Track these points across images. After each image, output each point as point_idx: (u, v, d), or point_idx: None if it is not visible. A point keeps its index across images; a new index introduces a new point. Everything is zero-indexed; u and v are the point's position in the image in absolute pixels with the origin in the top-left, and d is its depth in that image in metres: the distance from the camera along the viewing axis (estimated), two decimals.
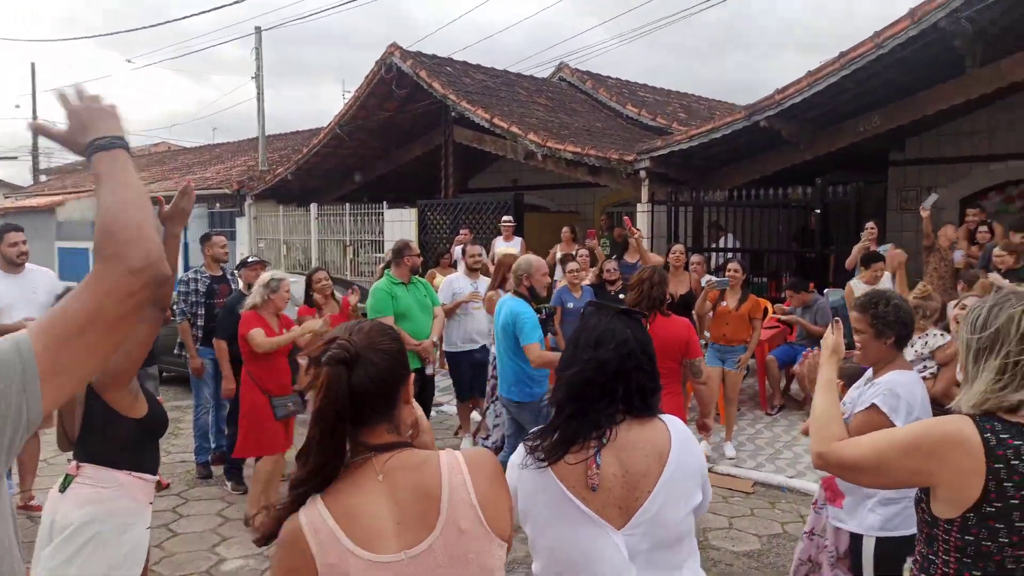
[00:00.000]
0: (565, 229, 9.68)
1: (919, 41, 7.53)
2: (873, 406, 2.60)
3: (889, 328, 2.67)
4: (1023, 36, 8.11)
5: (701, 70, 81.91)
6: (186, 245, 14.45)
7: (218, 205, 16.94)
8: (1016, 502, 1.60)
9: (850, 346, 2.37)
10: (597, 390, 1.78)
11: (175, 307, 5.93)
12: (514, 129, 10.84)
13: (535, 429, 1.86)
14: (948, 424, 1.71)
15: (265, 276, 5.12)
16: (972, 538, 1.65)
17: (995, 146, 10.72)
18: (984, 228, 7.46)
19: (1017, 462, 1.60)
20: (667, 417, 1.84)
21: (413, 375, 1.58)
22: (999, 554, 1.63)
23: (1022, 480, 1.60)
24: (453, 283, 6.42)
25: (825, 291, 7.89)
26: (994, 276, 5.86)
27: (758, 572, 4.30)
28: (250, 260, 6.06)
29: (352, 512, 1.42)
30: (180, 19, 43.24)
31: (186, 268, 7.25)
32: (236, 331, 4.97)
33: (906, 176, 11.56)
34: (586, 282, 6.84)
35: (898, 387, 2.61)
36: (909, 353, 4.32)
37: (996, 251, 6.39)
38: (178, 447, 6.69)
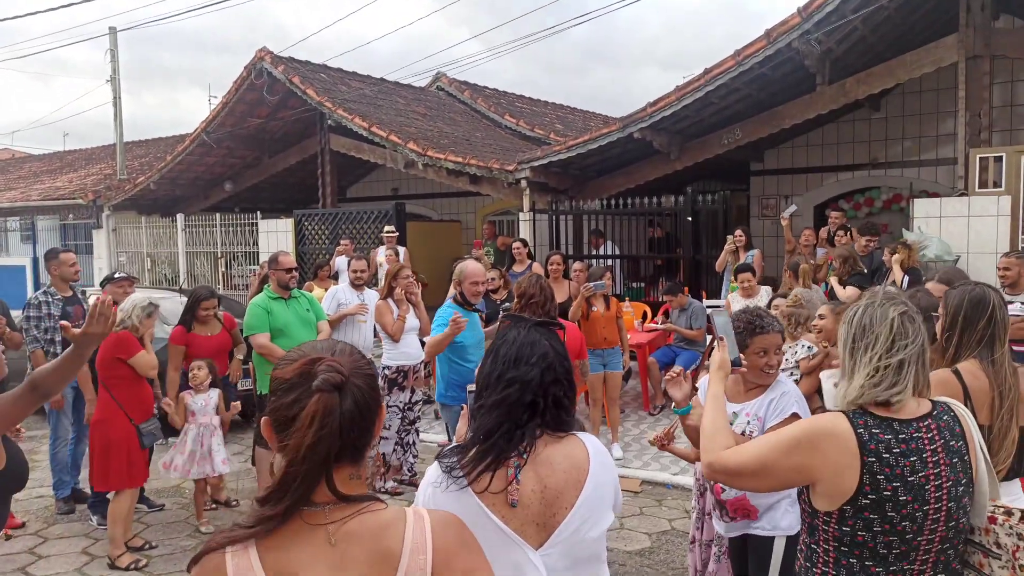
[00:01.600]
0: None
1: (775, 59, 8.11)
2: (795, 415, 2.71)
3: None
4: (863, 57, 8.91)
5: (570, 83, 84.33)
6: (35, 260, 13.30)
7: (71, 216, 15.72)
8: (888, 494, 1.70)
9: (736, 363, 2.45)
10: (522, 409, 1.72)
11: (24, 333, 5.43)
12: (393, 138, 10.73)
13: (449, 448, 1.80)
14: (824, 420, 1.82)
15: (141, 299, 4.80)
16: (848, 529, 1.75)
17: (842, 157, 11.69)
18: (842, 232, 8.09)
19: (888, 455, 1.71)
20: (583, 434, 1.82)
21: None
22: (872, 542, 1.74)
23: (892, 472, 1.70)
24: (338, 294, 6.22)
25: (704, 303, 8.25)
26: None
27: (650, 570, 4.44)
28: (116, 276, 5.64)
29: (292, 574, 1.23)
30: (20, 16, 39.81)
31: (36, 288, 6.63)
32: (95, 354, 4.62)
33: (765, 185, 12.38)
34: None
35: (799, 394, 2.79)
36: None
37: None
38: (34, 480, 6.08)
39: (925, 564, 1.76)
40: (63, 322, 4.23)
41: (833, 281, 6.69)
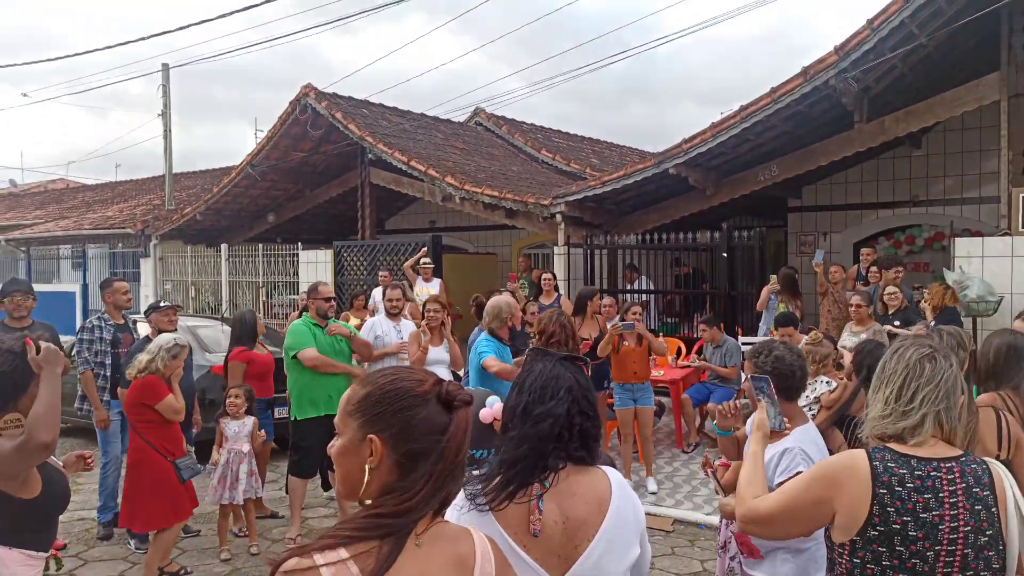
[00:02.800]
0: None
1: (811, 97, 8.11)
2: (799, 474, 2.70)
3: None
4: (903, 95, 8.85)
5: (606, 118, 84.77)
6: (85, 287, 13.75)
7: (120, 245, 16.23)
8: (897, 527, 1.72)
9: (778, 426, 2.49)
10: (548, 442, 1.76)
11: (76, 355, 5.63)
12: (432, 172, 10.93)
13: (478, 474, 1.82)
14: (843, 455, 1.91)
15: (167, 340, 4.85)
16: (859, 561, 1.77)
17: (883, 194, 11.56)
18: (874, 268, 8.00)
19: (900, 488, 1.74)
20: (606, 468, 1.85)
21: None
22: (882, 575, 1.75)
23: (903, 506, 1.72)
24: (375, 327, 6.29)
25: (740, 340, 8.19)
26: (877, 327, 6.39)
27: None
28: (161, 304, 5.83)
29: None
30: (81, 53, 41.66)
31: (84, 315, 6.88)
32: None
33: (803, 222, 12.29)
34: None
35: (808, 445, 2.70)
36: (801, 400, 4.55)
37: (887, 291, 6.89)
38: (76, 503, 6.26)
39: None
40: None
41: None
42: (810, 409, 4.29)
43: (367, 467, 1.37)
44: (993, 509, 1.77)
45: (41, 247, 17.77)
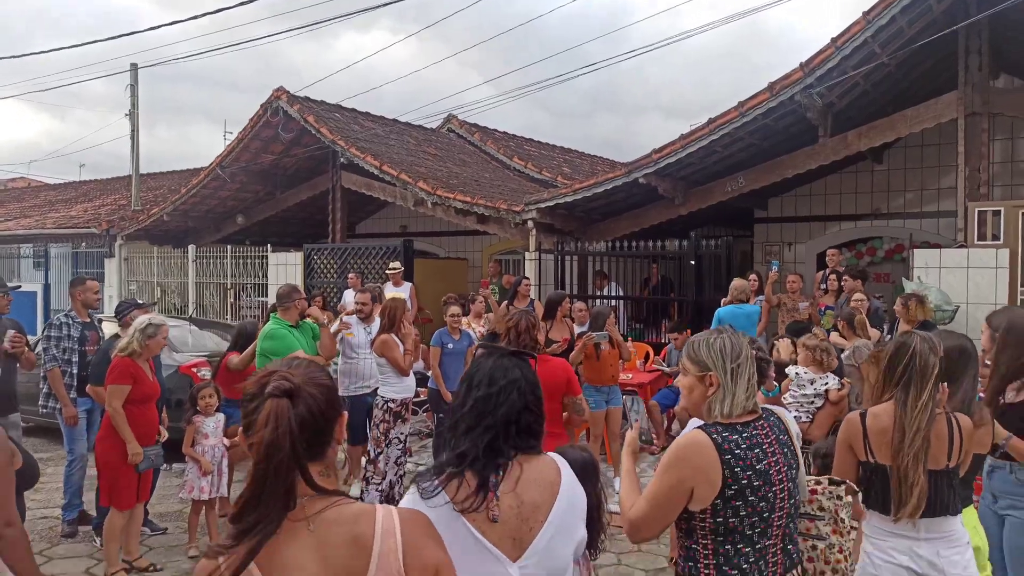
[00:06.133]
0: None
1: (777, 112, 8.33)
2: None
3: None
4: (865, 111, 9.14)
5: (576, 128, 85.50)
6: (46, 288, 13.49)
7: (84, 245, 15.95)
8: (745, 482, 2.08)
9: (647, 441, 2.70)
10: (495, 431, 1.82)
11: (43, 352, 5.57)
12: (404, 177, 10.96)
13: (425, 469, 1.88)
14: (683, 440, 2.20)
15: (142, 321, 4.88)
16: (722, 519, 2.09)
17: (845, 207, 11.89)
18: (833, 276, 8.24)
19: (739, 451, 2.10)
20: (553, 454, 1.94)
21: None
22: (740, 525, 2.10)
23: (745, 464, 2.09)
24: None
25: None
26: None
27: None
28: (139, 302, 5.84)
29: (281, 566, 1.38)
30: (46, 51, 40.84)
31: (46, 315, 6.81)
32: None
33: (769, 232, 12.56)
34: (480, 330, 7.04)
35: None
36: (792, 396, 4.75)
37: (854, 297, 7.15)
38: (39, 502, 6.18)
39: (776, 537, 2.15)
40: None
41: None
42: (812, 402, 4.59)
43: None
44: (789, 447, 2.22)
45: (1, 246, 17.38)
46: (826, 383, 4.76)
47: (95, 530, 5.36)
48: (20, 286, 14.93)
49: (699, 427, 2.17)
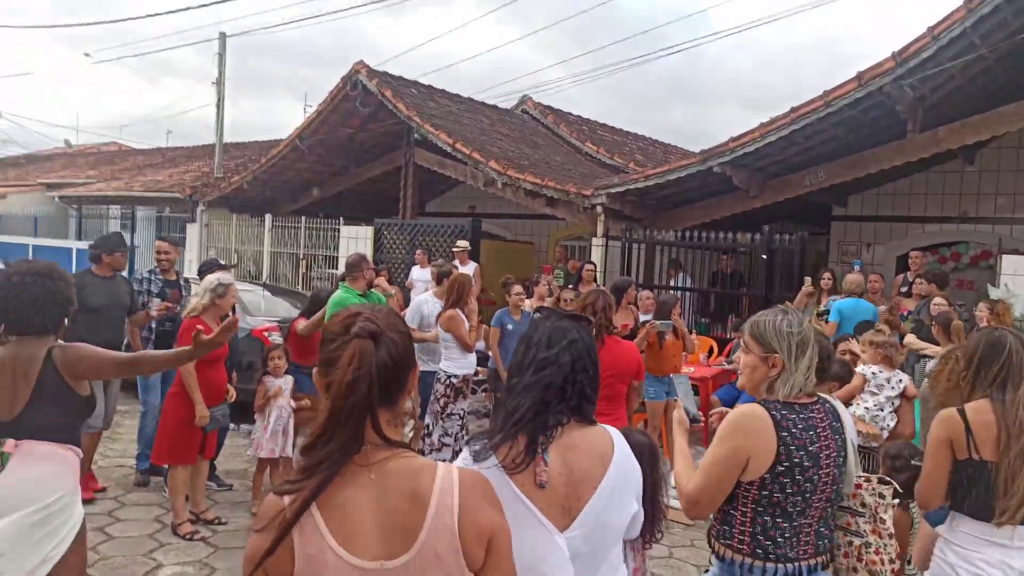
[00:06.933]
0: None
1: (864, 103, 8.00)
2: None
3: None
4: (959, 107, 8.69)
5: (648, 116, 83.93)
6: (133, 248, 14.10)
7: (168, 210, 16.63)
8: (797, 460, 2.15)
9: (695, 419, 2.69)
10: (552, 392, 1.79)
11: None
12: (476, 155, 11.01)
13: (478, 433, 1.86)
14: (742, 410, 2.24)
15: (212, 280, 4.98)
16: (767, 492, 2.16)
17: (930, 208, 11.36)
18: (919, 281, 7.91)
19: (795, 430, 2.16)
20: (608, 426, 1.89)
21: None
22: (784, 501, 2.16)
23: (799, 444, 2.15)
24: (423, 305, 6.39)
25: None
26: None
27: None
28: (222, 262, 6.13)
29: (339, 507, 1.39)
30: (141, 17, 42.54)
31: (131, 274, 7.14)
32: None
33: (847, 231, 12.13)
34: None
35: None
36: (874, 399, 4.63)
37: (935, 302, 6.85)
38: (115, 451, 6.52)
39: (813, 518, 2.22)
40: (158, 300, 4.77)
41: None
42: (893, 402, 4.48)
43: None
44: (841, 435, 2.26)
45: (91, 206, 18.27)
46: (900, 380, 4.68)
47: (166, 481, 5.62)
48: (139, 246, 15.73)
49: (757, 401, 2.22)
